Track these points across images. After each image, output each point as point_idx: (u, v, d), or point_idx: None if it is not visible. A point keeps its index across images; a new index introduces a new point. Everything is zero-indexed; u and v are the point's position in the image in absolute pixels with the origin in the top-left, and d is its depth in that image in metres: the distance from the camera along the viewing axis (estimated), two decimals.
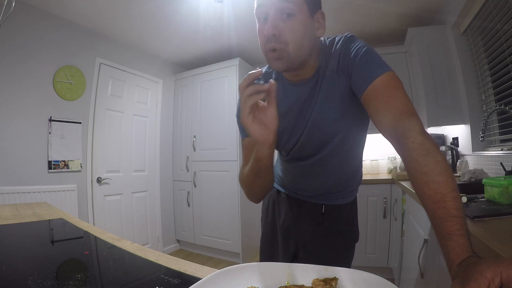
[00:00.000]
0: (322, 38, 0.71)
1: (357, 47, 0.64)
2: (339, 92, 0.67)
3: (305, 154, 0.79)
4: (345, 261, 0.90)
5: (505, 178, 0.86)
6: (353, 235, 0.92)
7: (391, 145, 0.54)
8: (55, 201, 1.97)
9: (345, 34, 0.70)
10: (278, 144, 0.81)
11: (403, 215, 1.81)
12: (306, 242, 0.88)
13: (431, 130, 2.34)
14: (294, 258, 0.91)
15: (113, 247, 0.65)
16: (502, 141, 1.57)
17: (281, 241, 0.92)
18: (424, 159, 0.44)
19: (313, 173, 0.82)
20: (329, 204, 0.87)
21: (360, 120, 0.74)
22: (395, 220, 2.07)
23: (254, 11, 0.63)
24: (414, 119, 0.51)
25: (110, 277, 0.50)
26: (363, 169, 0.94)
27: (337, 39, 0.70)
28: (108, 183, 2.49)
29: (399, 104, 0.55)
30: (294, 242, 0.90)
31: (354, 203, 0.93)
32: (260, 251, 0.99)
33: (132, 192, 2.73)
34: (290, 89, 0.73)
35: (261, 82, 0.74)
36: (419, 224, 1.24)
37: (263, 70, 0.77)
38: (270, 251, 0.95)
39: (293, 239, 0.90)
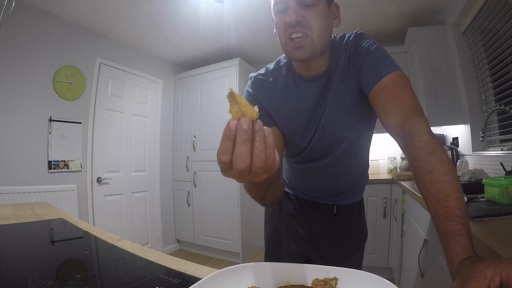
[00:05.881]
0: (332, 35, 0.71)
1: (368, 44, 0.64)
2: (350, 89, 0.67)
3: (316, 155, 0.77)
4: (358, 261, 0.90)
5: (505, 178, 0.86)
6: (364, 234, 0.92)
7: (391, 145, 0.54)
8: (55, 201, 1.97)
9: (355, 31, 0.69)
10: (291, 143, 0.79)
11: (403, 215, 1.81)
12: (320, 244, 0.86)
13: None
14: (306, 262, 0.87)
15: (113, 247, 0.65)
16: (502, 141, 1.57)
17: (291, 244, 0.88)
18: (429, 158, 0.44)
19: (324, 175, 0.80)
20: (340, 204, 0.86)
21: (369, 118, 0.74)
22: (395, 220, 2.06)
23: (272, 4, 0.63)
24: (421, 119, 0.51)
25: (110, 277, 0.50)
26: None
27: (347, 35, 0.70)
28: (108, 183, 2.49)
29: (407, 103, 0.55)
30: (306, 245, 0.87)
31: (361, 202, 0.92)
32: (266, 254, 0.95)
33: (132, 192, 2.72)
34: (303, 85, 0.71)
35: (271, 79, 0.72)
36: (419, 224, 1.23)
37: (271, 67, 0.75)
38: (277, 254, 0.90)
39: (305, 242, 0.87)
